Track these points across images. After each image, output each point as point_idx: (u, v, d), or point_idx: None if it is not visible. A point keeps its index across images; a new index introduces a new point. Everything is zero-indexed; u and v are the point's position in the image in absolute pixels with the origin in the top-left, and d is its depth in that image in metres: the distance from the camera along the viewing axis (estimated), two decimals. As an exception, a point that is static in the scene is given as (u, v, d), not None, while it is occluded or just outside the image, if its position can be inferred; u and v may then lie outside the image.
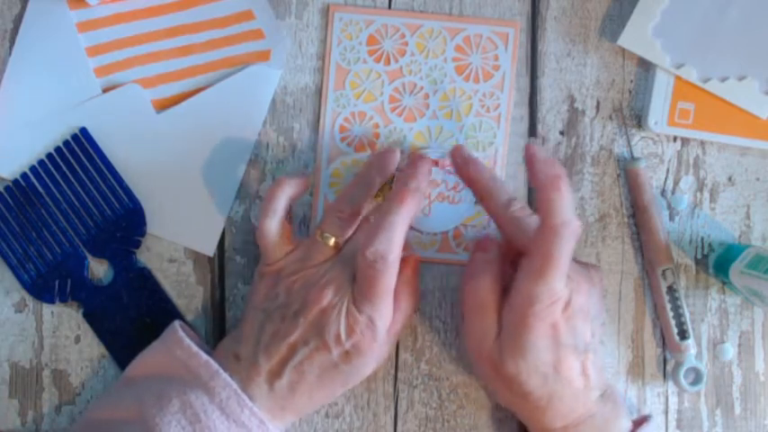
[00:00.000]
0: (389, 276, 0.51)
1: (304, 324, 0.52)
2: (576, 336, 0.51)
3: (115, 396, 0.54)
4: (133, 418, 0.51)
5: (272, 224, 0.55)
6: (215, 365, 0.52)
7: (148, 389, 0.52)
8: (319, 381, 0.53)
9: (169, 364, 0.53)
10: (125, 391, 0.54)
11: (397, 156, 0.56)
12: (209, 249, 0.60)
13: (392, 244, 0.50)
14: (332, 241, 0.55)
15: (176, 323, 0.56)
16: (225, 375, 0.52)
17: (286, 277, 0.54)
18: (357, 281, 0.52)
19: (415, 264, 0.57)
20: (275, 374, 0.52)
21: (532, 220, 0.53)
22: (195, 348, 0.53)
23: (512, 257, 0.54)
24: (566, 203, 0.49)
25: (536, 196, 0.51)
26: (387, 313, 0.52)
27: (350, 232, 0.55)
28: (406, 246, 0.54)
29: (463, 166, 0.55)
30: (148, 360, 0.55)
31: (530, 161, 0.51)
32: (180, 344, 0.54)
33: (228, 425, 0.51)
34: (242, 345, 0.54)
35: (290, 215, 0.57)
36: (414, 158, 0.55)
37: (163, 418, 0.50)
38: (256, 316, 0.54)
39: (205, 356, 0.53)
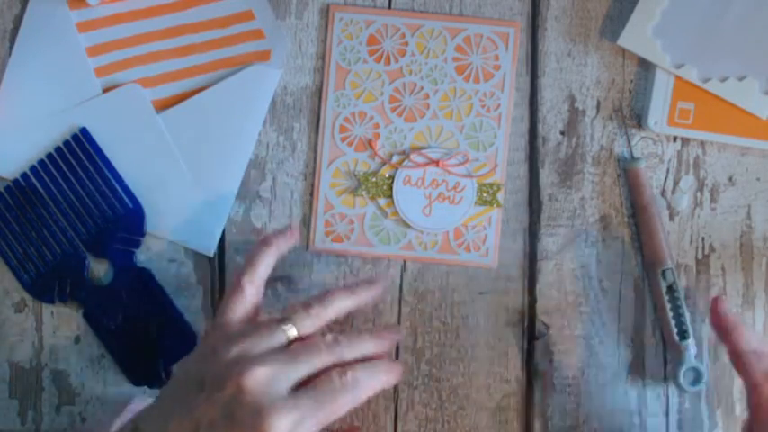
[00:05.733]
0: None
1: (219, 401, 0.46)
2: None
3: None
4: None
5: (253, 289, 0.52)
6: None
7: None
8: None
9: None
10: None
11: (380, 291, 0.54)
12: (209, 249, 0.60)
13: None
14: (292, 333, 0.49)
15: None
16: None
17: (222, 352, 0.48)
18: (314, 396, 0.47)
19: None
20: None
21: None
22: None
23: None
24: None
25: None
26: None
27: (312, 331, 0.50)
28: None
29: (725, 332, 0.54)
30: None
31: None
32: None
33: None
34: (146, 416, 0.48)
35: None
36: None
37: None
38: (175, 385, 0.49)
39: None
